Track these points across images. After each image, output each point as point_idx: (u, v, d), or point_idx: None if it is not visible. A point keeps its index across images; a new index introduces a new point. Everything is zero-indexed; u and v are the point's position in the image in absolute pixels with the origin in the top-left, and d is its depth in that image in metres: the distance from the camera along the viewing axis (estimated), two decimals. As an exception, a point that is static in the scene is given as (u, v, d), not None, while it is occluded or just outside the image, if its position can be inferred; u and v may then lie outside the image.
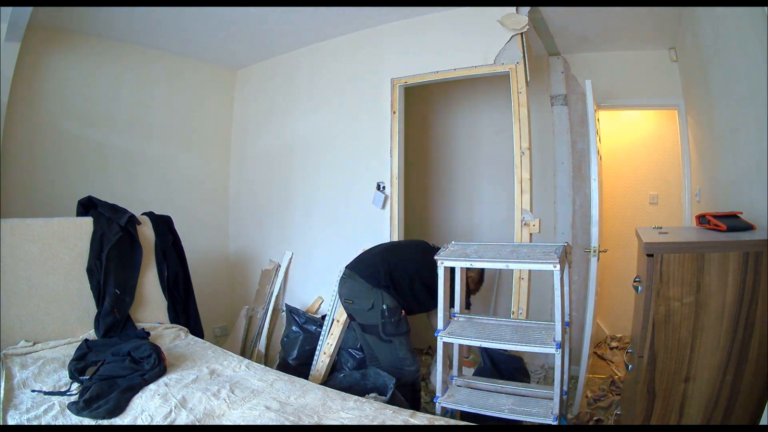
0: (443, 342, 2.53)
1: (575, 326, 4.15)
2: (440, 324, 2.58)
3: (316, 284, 4.21)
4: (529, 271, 3.23)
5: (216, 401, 2.13)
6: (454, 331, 2.58)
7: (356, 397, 2.25)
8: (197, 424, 1.94)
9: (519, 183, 3.24)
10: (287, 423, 1.93)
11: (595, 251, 3.37)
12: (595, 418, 3.28)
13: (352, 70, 4.05)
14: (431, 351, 4.52)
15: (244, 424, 1.95)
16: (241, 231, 4.86)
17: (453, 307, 2.82)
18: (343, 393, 2.30)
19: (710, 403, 1.76)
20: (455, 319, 2.78)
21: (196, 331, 3.37)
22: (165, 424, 1.96)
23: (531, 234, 3.23)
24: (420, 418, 2.00)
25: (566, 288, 2.62)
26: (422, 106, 4.76)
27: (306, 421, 1.97)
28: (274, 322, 4.32)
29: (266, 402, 2.13)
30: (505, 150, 3.92)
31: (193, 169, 4.67)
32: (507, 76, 3.31)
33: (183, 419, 1.98)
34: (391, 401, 2.41)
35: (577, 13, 3.41)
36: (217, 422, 1.97)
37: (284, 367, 3.67)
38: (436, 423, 1.97)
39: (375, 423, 1.95)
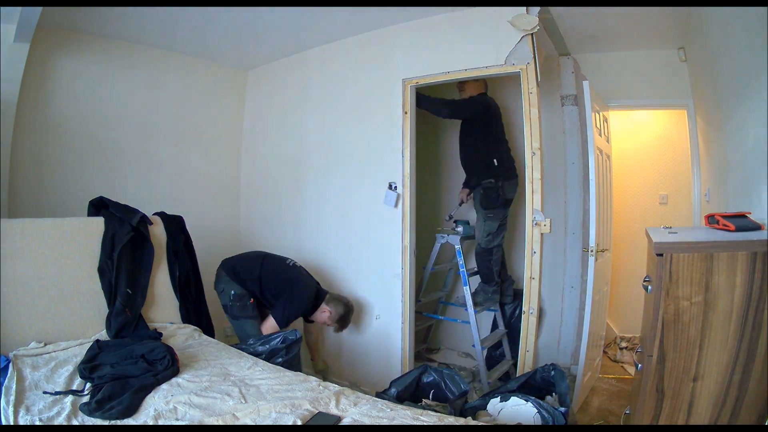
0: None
1: (575, 327, 4.16)
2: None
3: (328, 283, 4.24)
4: (540, 270, 3.25)
5: (231, 401, 2.14)
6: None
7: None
8: (208, 424, 1.96)
9: (530, 183, 3.24)
10: (299, 421, 1.95)
11: (593, 251, 3.37)
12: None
13: (363, 70, 4.06)
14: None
15: (254, 424, 1.96)
16: (253, 230, 4.89)
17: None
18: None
19: (718, 402, 1.76)
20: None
21: (208, 330, 3.40)
22: (176, 424, 1.98)
23: (542, 234, 3.23)
24: (429, 417, 2.01)
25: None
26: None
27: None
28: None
29: (279, 402, 2.14)
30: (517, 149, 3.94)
31: (204, 169, 4.70)
32: (517, 77, 3.32)
33: (194, 419, 2.00)
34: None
35: (586, 13, 3.41)
36: (230, 422, 1.98)
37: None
38: (446, 422, 1.99)
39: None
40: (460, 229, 4.10)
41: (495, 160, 3.84)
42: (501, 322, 4.20)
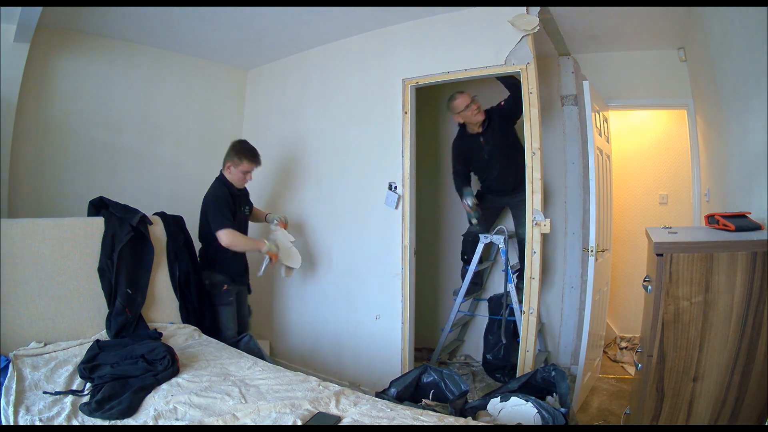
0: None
1: (575, 326, 4.16)
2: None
3: (328, 283, 4.24)
4: (540, 270, 3.25)
5: (231, 401, 2.14)
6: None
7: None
8: (208, 424, 1.96)
9: (530, 183, 3.23)
10: (299, 421, 1.95)
11: (593, 251, 3.37)
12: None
13: (364, 70, 4.06)
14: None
15: (254, 424, 1.96)
16: (253, 232, 4.88)
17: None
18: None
19: (718, 402, 1.76)
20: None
21: (210, 330, 3.39)
22: (176, 424, 1.98)
23: (542, 234, 3.23)
24: (429, 417, 2.01)
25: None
26: (432, 105, 4.78)
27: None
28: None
29: (279, 402, 2.14)
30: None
31: (204, 169, 4.67)
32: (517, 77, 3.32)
33: (194, 419, 2.00)
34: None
35: (586, 13, 3.42)
36: (230, 422, 1.98)
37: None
38: (446, 422, 1.99)
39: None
40: (469, 201, 4.04)
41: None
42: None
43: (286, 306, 4.57)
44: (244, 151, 3.58)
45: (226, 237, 3.38)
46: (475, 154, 4.05)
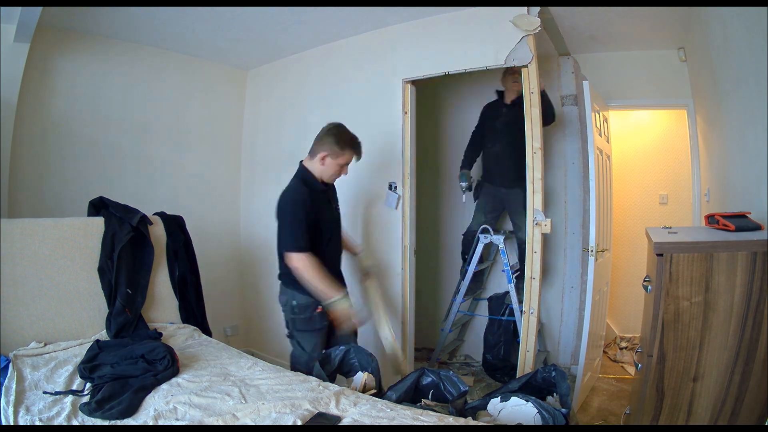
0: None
1: (575, 326, 4.16)
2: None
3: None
4: (541, 271, 3.24)
5: (231, 401, 2.14)
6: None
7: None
8: (208, 424, 1.95)
9: (531, 183, 3.21)
10: (299, 421, 1.94)
11: (593, 251, 3.37)
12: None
13: (363, 70, 4.05)
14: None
15: (254, 424, 1.96)
16: (253, 232, 4.88)
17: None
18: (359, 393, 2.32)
19: (718, 402, 1.77)
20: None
21: (207, 331, 3.39)
22: (176, 424, 1.98)
23: (543, 234, 3.22)
24: (429, 417, 2.01)
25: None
26: (432, 105, 4.78)
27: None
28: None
29: (279, 402, 2.13)
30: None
31: (204, 169, 4.69)
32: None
33: (194, 419, 1.99)
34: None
35: (586, 13, 3.42)
36: (230, 422, 1.97)
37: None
38: (446, 422, 1.98)
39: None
40: (464, 184, 4.12)
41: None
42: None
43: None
44: (348, 141, 2.97)
45: (298, 263, 2.77)
46: (493, 120, 4.12)
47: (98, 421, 1.99)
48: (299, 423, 1.93)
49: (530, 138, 3.21)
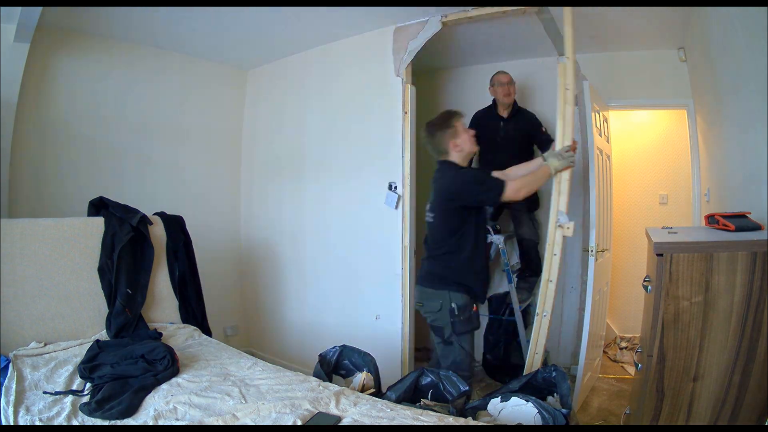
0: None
1: (575, 327, 4.15)
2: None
3: (328, 282, 4.24)
4: (558, 273, 3.08)
5: (231, 401, 2.14)
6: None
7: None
8: (208, 424, 1.95)
9: (557, 183, 2.99)
10: (299, 421, 1.94)
11: (593, 251, 3.36)
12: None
13: (364, 70, 4.06)
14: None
15: (254, 424, 1.96)
16: (253, 232, 4.89)
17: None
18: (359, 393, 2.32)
19: (718, 402, 1.77)
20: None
21: (207, 331, 3.39)
22: (176, 424, 1.98)
23: (564, 237, 3.01)
24: (429, 417, 2.01)
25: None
26: (433, 105, 4.78)
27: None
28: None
29: (279, 402, 2.13)
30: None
31: (204, 169, 4.69)
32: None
33: (194, 419, 1.99)
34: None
35: (586, 13, 3.41)
36: (230, 422, 1.97)
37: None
38: (446, 422, 1.98)
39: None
40: None
41: None
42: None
43: (286, 306, 4.58)
44: (445, 119, 2.95)
45: (511, 192, 2.77)
46: (489, 132, 3.99)
47: (98, 421, 2.00)
48: (299, 423, 1.93)
49: (561, 135, 2.98)
